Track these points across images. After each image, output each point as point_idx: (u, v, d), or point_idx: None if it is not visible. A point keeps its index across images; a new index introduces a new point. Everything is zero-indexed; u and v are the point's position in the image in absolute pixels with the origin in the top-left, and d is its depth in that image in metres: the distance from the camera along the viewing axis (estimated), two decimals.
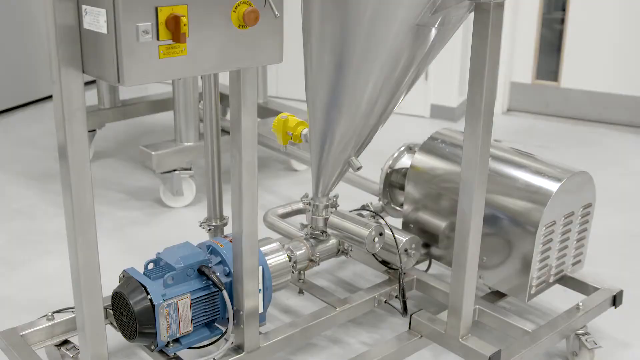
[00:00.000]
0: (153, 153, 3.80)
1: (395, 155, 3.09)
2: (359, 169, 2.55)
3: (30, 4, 5.70)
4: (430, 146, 2.90)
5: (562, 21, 5.70)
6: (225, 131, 3.35)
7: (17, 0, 5.63)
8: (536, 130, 5.60)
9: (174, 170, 3.89)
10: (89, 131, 4.10)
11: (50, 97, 5.93)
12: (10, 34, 5.62)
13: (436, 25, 2.22)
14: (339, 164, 2.56)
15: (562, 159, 2.84)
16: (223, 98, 4.41)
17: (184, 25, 1.72)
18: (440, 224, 2.82)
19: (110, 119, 4.64)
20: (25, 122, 5.54)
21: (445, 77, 5.60)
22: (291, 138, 2.77)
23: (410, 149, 3.10)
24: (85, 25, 1.77)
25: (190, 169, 3.95)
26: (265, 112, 4.55)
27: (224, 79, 2.91)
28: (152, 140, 4.60)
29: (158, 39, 1.72)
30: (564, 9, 5.68)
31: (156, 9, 1.71)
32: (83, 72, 1.82)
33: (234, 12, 1.82)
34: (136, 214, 3.90)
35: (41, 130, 5.24)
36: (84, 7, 1.76)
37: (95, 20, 1.73)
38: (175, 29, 1.72)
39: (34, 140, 5.04)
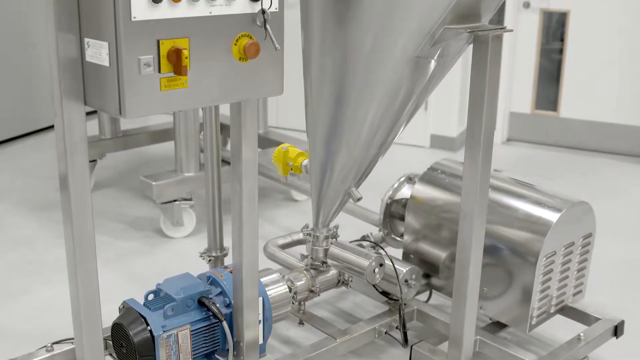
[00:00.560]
0: (153, 183, 3.81)
1: (395, 185, 3.10)
2: (359, 199, 2.55)
3: (32, 34, 5.74)
4: (430, 177, 2.90)
5: (561, 51, 5.73)
6: (225, 161, 3.37)
7: (18, 30, 5.68)
8: (536, 159, 5.61)
9: (175, 201, 3.89)
10: (90, 161, 4.11)
11: (50, 127, 5.95)
12: (12, 65, 5.65)
13: (435, 58, 2.24)
14: (339, 195, 2.57)
15: (562, 189, 2.84)
16: (224, 128, 4.43)
17: (186, 58, 1.73)
18: (440, 254, 2.82)
19: (111, 149, 4.65)
20: (26, 151, 5.56)
21: (445, 107, 5.63)
22: (292, 169, 2.78)
23: (410, 179, 3.10)
24: (88, 58, 1.79)
25: (190, 199, 3.95)
26: (266, 142, 4.56)
27: (224, 109, 2.92)
28: (153, 170, 4.60)
29: (160, 71, 1.74)
30: (562, 39, 5.72)
31: (158, 42, 1.72)
32: (85, 104, 1.83)
33: (235, 44, 1.84)
34: (136, 244, 3.89)
35: (42, 160, 5.25)
36: (86, 39, 1.78)
37: (98, 52, 1.75)
38: (176, 62, 1.73)
39: (34, 170, 5.04)
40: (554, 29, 5.93)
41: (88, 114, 1.86)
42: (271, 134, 4.81)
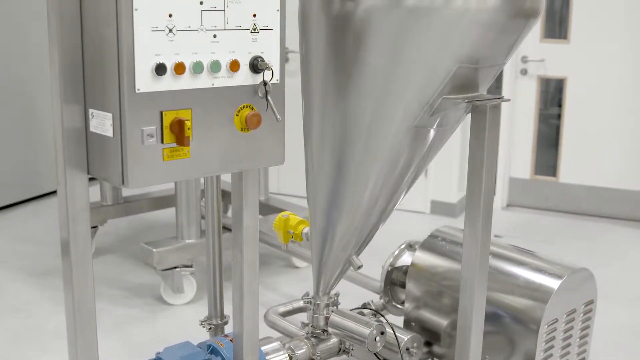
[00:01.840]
0: (154, 250, 3.81)
1: (396, 253, 3.10)
2: (359, 267, 2.55)
3: (35, 99, 5.81)
4: (430, 244, 2.91)
5: (559, 117, 5.79)
6: (226, 228, 3.37)
7: (20, 96, 5.75)
8: (536, 225, 5.61)
9: (175, 268, 3.89)
10: (91, 227, 4.12)
11: (51, 193, 5.98)
12: (13, 130, 5.71)
13: (434, 127, 2.27)
14: (339, 263, 2.57)
15: (563, 254, 2.85)
16: (225, 195, 4.46)
17: (188, 129, 1.76)
18: (442, 322, 2.81)
19: (112, 216, 4.67)
20: (26, 217, 5.57)
21: (445, 173, 5.66)
22: (292, 237, 2.78)
23: (410, 246, 3.11)
24: (92, 128, 1.81)
25: (191, 266, 3.95)
26: (267, 209, 4.58)
27: (226, 175, 2.95)
28: (154, 236, 4.61)
29: (162, 142, 1.76)
30: (560, 104, 5.79)
31: (161, 113, 1.75)
32: (88, 173, 1.85)
33: (237, 115, 1.87)
34: (136, 311, 3.87)
35: (42, 226, 5.26)
36: (90, 110, 1.81)
37: (102, 123, 1.78)
38: (179, 133, 1.76)
39: (34, 236, 5.05)
40: (552, 94, 6.01)
41: (90, 179, 1.88)
42: (272, 200, 4.83)
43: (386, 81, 2.16)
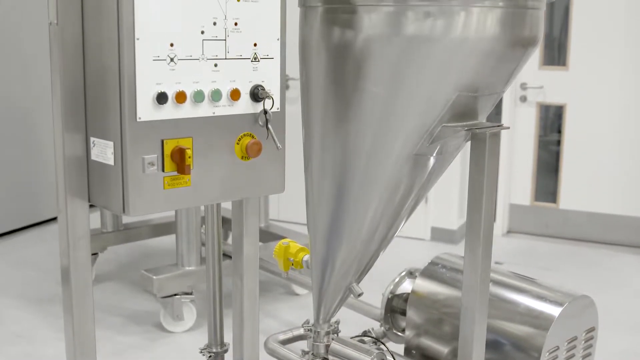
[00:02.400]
0: (154, 277, 3.80)
1: (396, 280, 3.10)
2: (360, 295, 2.55)
3: (36, 126, 5.83)
4: (430, 271, 2.91)
5: (559, 143, 5.81)
6: (227, 255, 3.37)
7: (22, 122, 5.77)
8: (536, 251, 5.61)
9: (175, 295, 3.88)
10: (91, 254, 4.11)
11: (52, 219, 5.98)
12: (14, 157, 5.72)
13: (434, 155, 2.28)
14: (340, 291, 2.57)
15: (564, 281, 2.84)
16: (225, 222, 4.46)
17: (189, 157, 1.77)
18: (442, 349, 2.79)
19: (112, 243, 4.67)
20: (27, 244, 5.56)
21: (445, 199, 5.66)
22: (292, 264, 2.78)
23: (411, 273, 3.11)
24: (93, 157, 1.83)
25: (191, 293, 3.94)
26: (267, 236, 4.58)
27: (226, 202, 2.95)
28: (154, 263, 4.61)
29: (163, 170, 1.77)
30: (559, 131, 5.81)
31: (162, 141, 1.77)
32: (89, 201, 1.86)
33: (238, 144, 1.88)
34: (136, 338, 3.86)
35: (43, 252, 5.26)
36: (92, 139, 1.82)
37: (103, 152, 1.79)
38: (180, 161, 1.77)
39: (35, 263, 5.04)
40: (552, 120, 6.03)
41: (90, 205, 1.89)
42: (272, 227, 4.82)
43: (386, 109, 2.17)
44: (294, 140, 2.54)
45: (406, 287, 3.06)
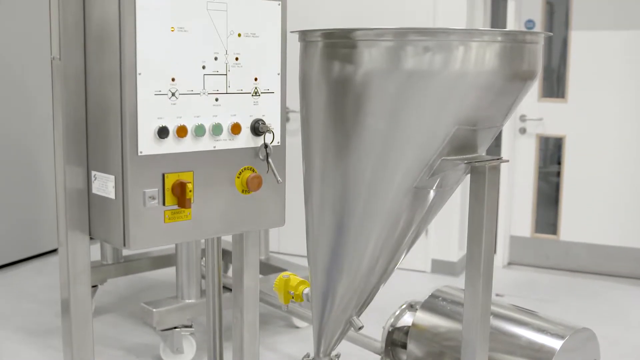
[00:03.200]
0: (154, 310, 3.79)
1: (397, 313, 3.09)
2: (360, 328, 2.54)
3: (36, 159, 5.85)
4: (431, 304, 2.90)
5: (558, 174, 5.82)
6: (227, 288, 3.36)
7: (23, 154, 5.79)
8: (537, 283, 5.59)
9: (175, 328, 3.86)
10: (91, 286, 4.10)
11: (52, 251, 5.98)
12: (15, 190, 5.73)
13: (434, 187, 2.29)
14: (340, 324, 2.56)
15: (565, 313, 2.84)
16: (225, 254, 4.45)
17: (190, 191, 1.78)
18: None
19: (112, 275, 4.65)
20: (27, 275, 5.55)
21: (445, 231, 5.66)
22: (293, 297, 2.78)
23: (411, 306, 3.10)
24: (94, 190, 1.83)
25: (191, 326, 3.92)
26: (267, 268, 4.57)
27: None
28: (154, 296, 4.59)
29: (164, 204, 1.78)
30: (559, 162, 5.82)
31: (163, 175, 1.78)
32: (90, 235, 1.87)
33: (238, 177, 1.89)
34: None
35: (43, 284, 5.25)
36: (93, 172, 1.83)
37: (104, 185, 1.79)
38: (181, 195, 1.78)
39: (35, 295, 5.03)
40: (551, 152, 6.05)
41: (90, 237, 1.89)
42: (273, 260, 4.81)
43: (386, 143, 2.18)
44: (294, 171, 2.55)
45: (407, 320, 3.05)
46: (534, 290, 5.37)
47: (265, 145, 1.92)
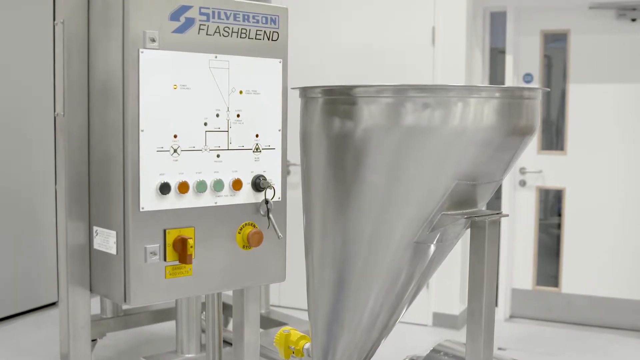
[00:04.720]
0: None
1: None
2: None
3: (36, 211, 5.85)
4: (433, 359, 2.88)
5: (559, 226, 5.82)
6: (227, 342, 3.34)
7: (23, 207, 5.79)
8: (539, 337, 5.55)
9: None
10: (91, 340, 4.07)
11: (51, 304, 5.95)
12: (14, 243, 5.72)
13: (434, 242, 2.29)
14: None
15: None
16: (226, 308, 4.43)
17: (191, 247, 1.78)
18: None
19: (112, 329, 4.61)
20: (26, 329, 5.51)
21: (446, 285, 5.63)
22: (293, 352, 2.76)
23: None
24: (95, 246, 1.84)
25: None
26: (268, 322, 4.53)
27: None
28: (153, 350, 4.55)
29: (165, 260, 1.78)
30: (559, 214, 5.82)
31: (164, 231, 1.78)
32: (90, 290, 1.87)
33: (239, 233, 1.90)
34: None
35: (41, 338, 5.20)
36: (95, 228, 1.84)
37: (105, 241, 1.80)
38: (182, 251, 1.78)
39: (34, 349, 4.98)
40: (552, 204, 6.05)
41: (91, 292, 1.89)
42: (273, 314, 4.78)
43: (386, 198, 2.19)
44: (295, 224, 2.55)
45: None
46: (537, 344, 5.33)
47: (266, 201, 1.93)
